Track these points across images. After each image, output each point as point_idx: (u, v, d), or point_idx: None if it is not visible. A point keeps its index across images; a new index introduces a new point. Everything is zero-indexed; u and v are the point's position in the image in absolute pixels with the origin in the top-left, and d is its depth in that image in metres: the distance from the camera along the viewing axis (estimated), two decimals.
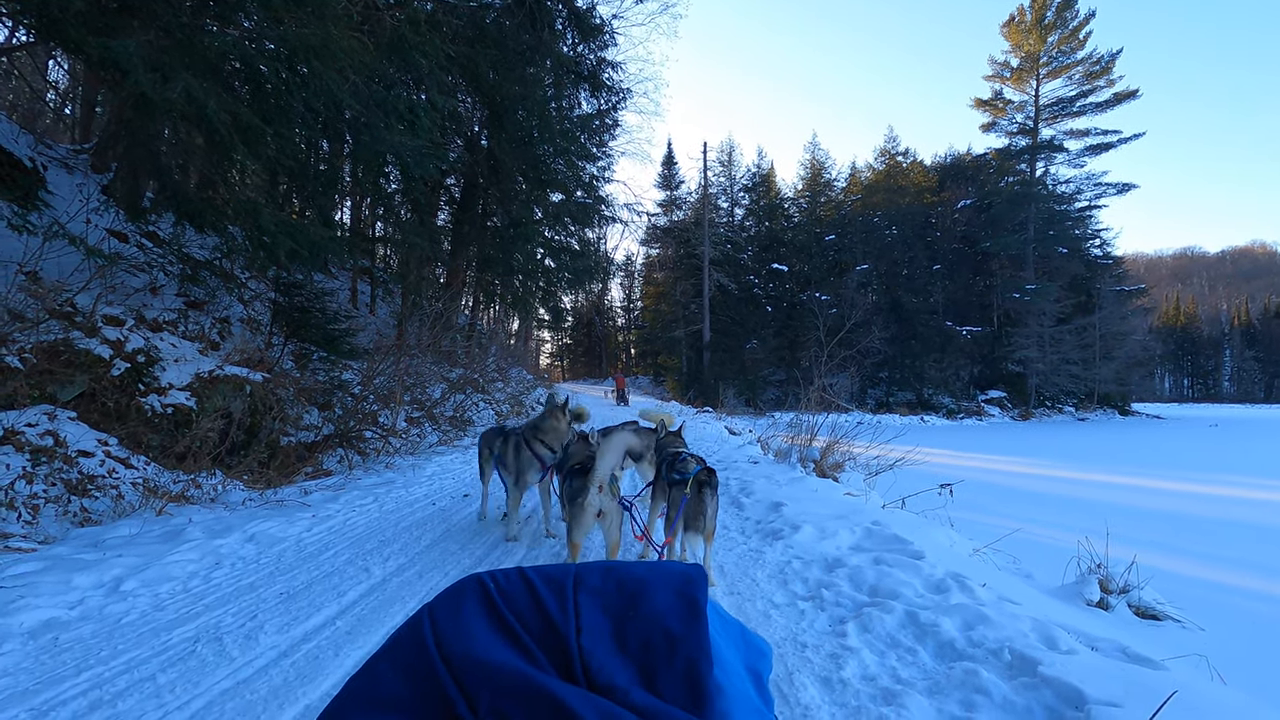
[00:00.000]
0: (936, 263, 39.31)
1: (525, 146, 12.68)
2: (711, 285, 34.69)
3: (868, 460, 7.56)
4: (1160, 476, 11.56)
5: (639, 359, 51.59)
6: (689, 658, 0.49)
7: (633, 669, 0.48)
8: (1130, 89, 36.54)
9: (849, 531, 3.75)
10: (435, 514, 4.91)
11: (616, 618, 0.52)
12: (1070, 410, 39.12)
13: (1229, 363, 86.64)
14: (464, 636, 0.49)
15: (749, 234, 40.89)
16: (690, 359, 36.52)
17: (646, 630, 0.51)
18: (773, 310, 38.03)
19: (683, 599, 0.54)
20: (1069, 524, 6.19)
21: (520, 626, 0.50)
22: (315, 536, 4.12)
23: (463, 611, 0.52)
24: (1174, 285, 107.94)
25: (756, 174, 41.15)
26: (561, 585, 0.54)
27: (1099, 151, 38.25)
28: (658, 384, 40.59)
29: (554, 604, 0.52)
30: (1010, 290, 37.79)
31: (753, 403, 33.41)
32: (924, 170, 42.86)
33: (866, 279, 35.88)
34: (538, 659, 0.48)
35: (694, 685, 0.47)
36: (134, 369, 5.00)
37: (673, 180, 40.80)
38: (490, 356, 19.25)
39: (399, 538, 4.14)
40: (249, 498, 4.96)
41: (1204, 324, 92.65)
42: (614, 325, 57.52)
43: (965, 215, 41.01)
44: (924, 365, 38.08)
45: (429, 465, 6.91)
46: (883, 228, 39.48)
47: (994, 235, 38.74)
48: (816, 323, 34.98)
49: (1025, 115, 39.64)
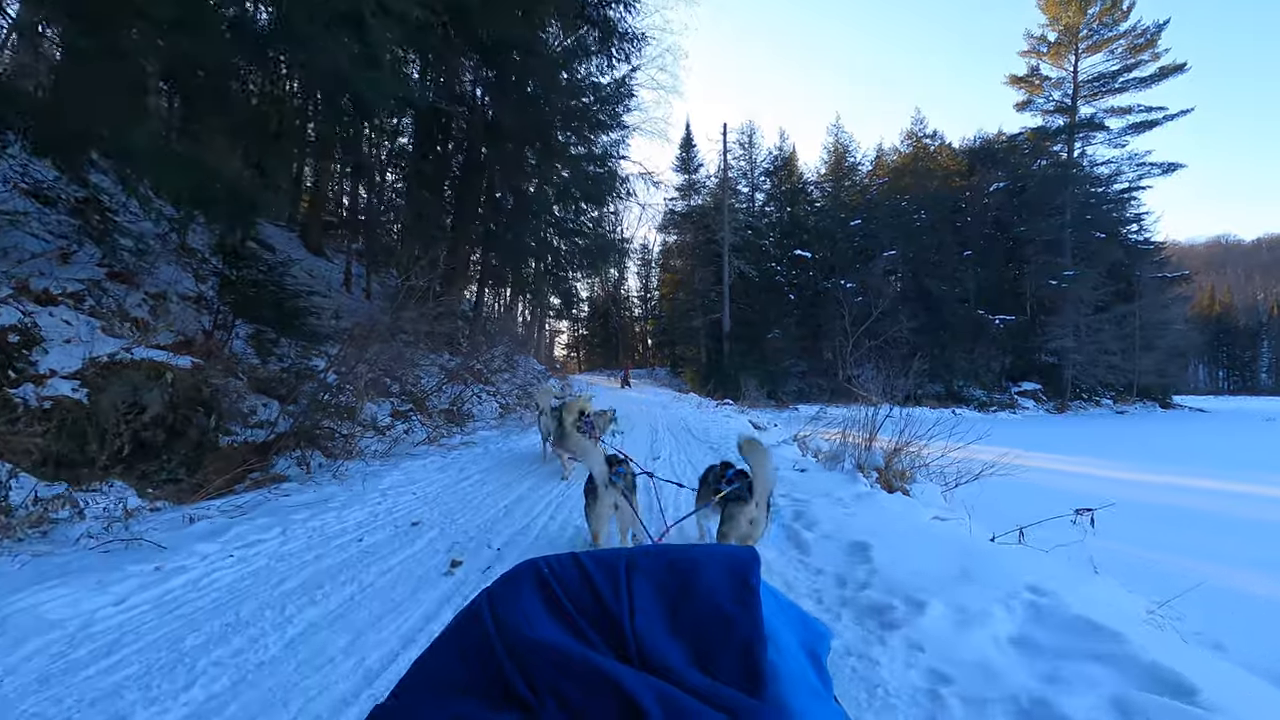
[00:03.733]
0: (967, 249, 37.45)
1: (530, 109, 11.30)
2: (732, 272, 33.18)
3: (938, 464, 6.16)
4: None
5: (656, 349, 50.22)
6: (743, 638, 0.49)
7: (687, 650, 0.48)
8: (1177, 62, 34.31)
9: (1001, 607, 2.32)
10: (353, 560, 3.32)
11: (670, 599, 0.52)
12: (1108, 403, 37.20)
13: (1266, 354, 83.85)
14: (521, 620, 0.49)
15: (770, 220, 39.26)
16: (710, 349, 35.01)
17: (700, 612, 0.51)
18: (795, 298, 36.46)
19: (735, 579, 0.53)
20: (1222, 552, 4.81)
21: (575, 609, 0.51)
22: (110, 624, 2.45)
23: (520, 596, 0.52)
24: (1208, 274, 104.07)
25: (778, 157, 39.45)
26: (614, 568, 0.55)
27: (1142, 130, 36.07)
28: (675, 375, 39.19)
29: (608, 587, 0.52)
30: (1046, 277, 35.86)
31: (775, 395, 31.96)
32: (952, 153, 40.90)
33: (894, 266, 34.12)
34: (593, 641, 0.48)
35: (749, 666, 0.47)
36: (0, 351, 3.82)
37: (691, 163, 39.07)
38: (497, 345, 18.11)
39: (259, 618, 2.54)
40: (93, 533, 3.39)
41: (1240, 314, 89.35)
42: (630, 315, 56.17)
43: (996, 199, 39.04)
44: (954, 356, 36.32)
45: (389, 475, 5.44)
46: (911, 212, 37.69)
47: (1028, 219, 36.79)
48: (842, 311, 33.39)
49: (1063, 93, 37.52)
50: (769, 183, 39.64)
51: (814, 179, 40.89)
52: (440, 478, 5.67)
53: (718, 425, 13.39)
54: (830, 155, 41.05)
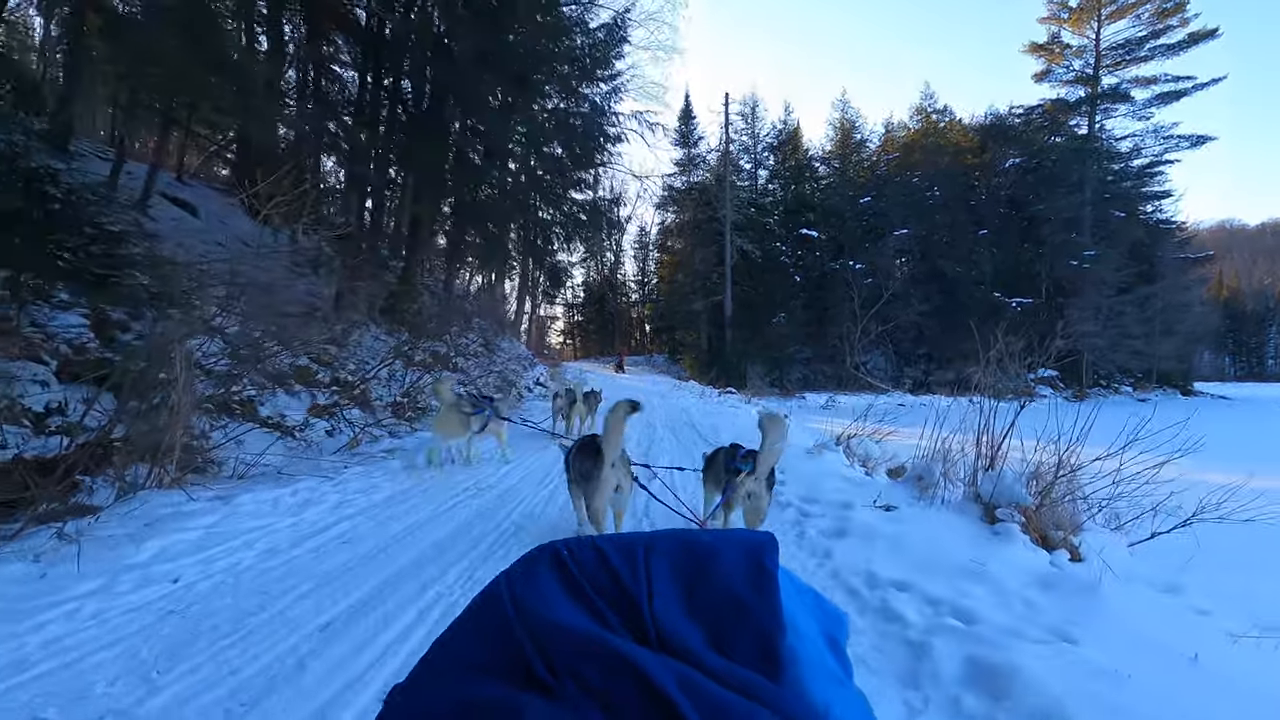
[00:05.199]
0: (982, 227, 35.45)
1: (492, 23, 9.02)
2: (734, 252, 31.13)
3: (1088, 486, 4.23)
4: None
5: (654, 336, 48.23)
6: (761, 623, 0.48)
7: (706, 634, 0.47)
8: (1208, 27, 32.18)
9: None
10: None
11: (688, 583, 0.51)
12: (1127, 390, 35.41)
13: (1272, 339, 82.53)
14: (540, 600, 0.49)
15: (774, 198, 37.17)
16: (711, 335, 32.99)
17: (718, 596, 0.50)
18: (802, 280, 34.46)
19: (753, 564, 0.53)
20: None
21: (593, 591, 0.50)
22: None
23: (538, 577, 0.52)
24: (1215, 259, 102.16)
25: (783, 131, 37.26)
26: (633, 551, 0.54)
27: (1168, 101, 34.01)
28: (674, 361, 37.25)
29: (626, 569, 0.52)
30: (1066, 257, 33.92)
31: (780, 382, 30.10)
32: (964, 129, 38.75)
33: (905, 245, 32.06)
34: (611, 623, 0.48)
35: (767, 651, 0.47)
36: None
37: (690, 137, 36.74)
38: (473, 326, 16.19)
39: None
40: None
41: (1247, 299, 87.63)
42: (627, 301, 54.13)
43: (1010, 177, 37.01)
44: (967, 341, 34.50)
45: (179, 530, 3.24)
46: (922, 189, 35.63)
47: (1045, 197, 34.78)
48: (850, 293, 31.39)
49: (1084, 62, 35.39)
50: (773, 159, 37.52)
51: (820, 155, 38.76)
52: (270, 539, 3.42)
53: (726, 419, 11.52)
54: (836, 132, 38.82)
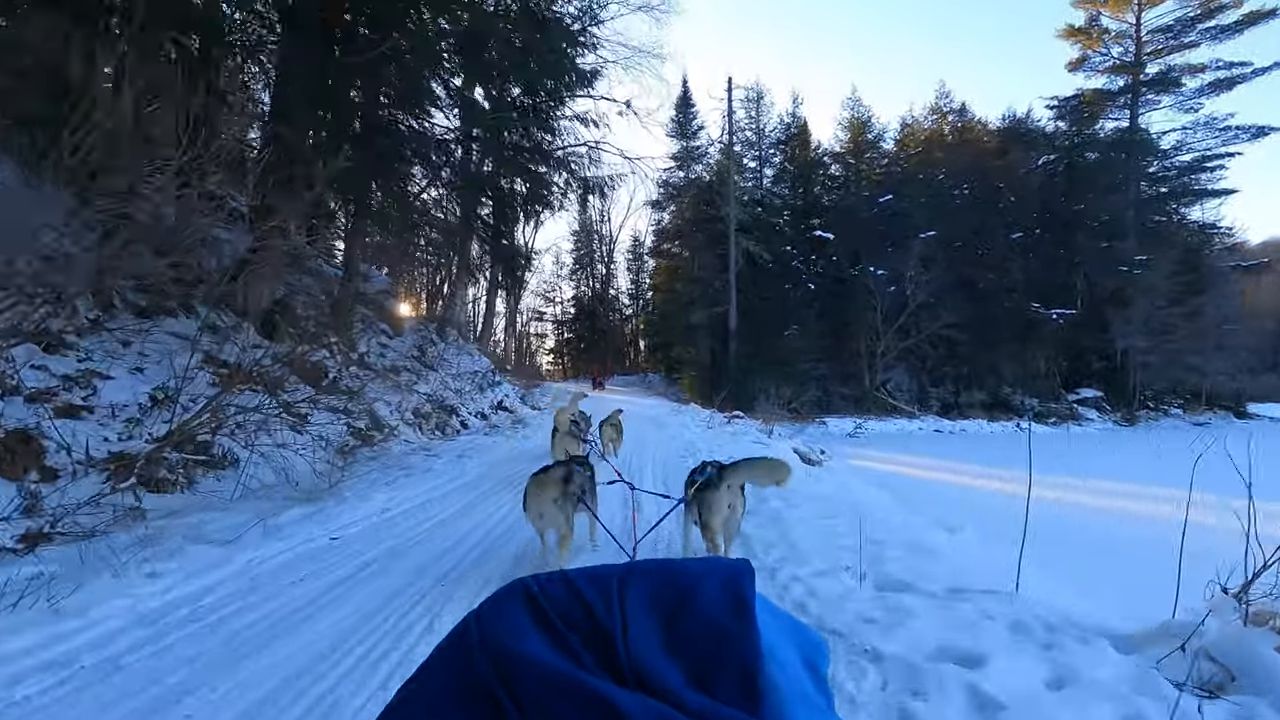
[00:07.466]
0: (1015, 231, 31.76)
1: None
2: (739, 256, 27.43)
3: None
4: None
5: (649, 353, 44.38)
6: (740, 655, 0.47)
7: (683, 668, 0.46)
8: (1267, 7, 28.83)
9: None
10: None
11: (664, 615, 0.50)
12: (1177, 412, 31.44)
13: None
14: (509, 637, 0.48)
15: (782, 199, 33.58)
16: (715, 350, 29.04)
17: (694, 627, 0.49)
18: (815, 288, 30.66)
19: (730, 593, 0.52)
20: None
21: (565, 627, 0.49)
22: None
23: (508, 614, 0.51)
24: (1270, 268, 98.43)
25: (791, 125, 33.72)
26: (606, 585, 0.53)
27: (1220, 89, 30.58)
28: (671, 382, 33.34)
29: (600, 603, 0.50)
30: (1110, 264, 30.21)
31: (793, 405, 26.21)
32: (983, 130, 35.29)
33: (931, 250, 28.33)
34: (585, 660, 0.46)
35: (746, 683, 0.45)
36: None
37: (689, 127, 33.18)
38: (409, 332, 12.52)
39: None
40: None
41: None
42: (620, 316, 50.39)
43: (1038, 177, 33.46)
44: (1001, 358, 30.60)
45: None
46: (948, 187, 31.99)
47: (1083, 198, 31.23)
48: (872, 302, 27.65)
49: (1123, 48, 32.08)
50: (779, 155, 33.96)
51: (831, 152, 35.20)
52: None
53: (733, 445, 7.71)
54: (847, 131, 35.31)
